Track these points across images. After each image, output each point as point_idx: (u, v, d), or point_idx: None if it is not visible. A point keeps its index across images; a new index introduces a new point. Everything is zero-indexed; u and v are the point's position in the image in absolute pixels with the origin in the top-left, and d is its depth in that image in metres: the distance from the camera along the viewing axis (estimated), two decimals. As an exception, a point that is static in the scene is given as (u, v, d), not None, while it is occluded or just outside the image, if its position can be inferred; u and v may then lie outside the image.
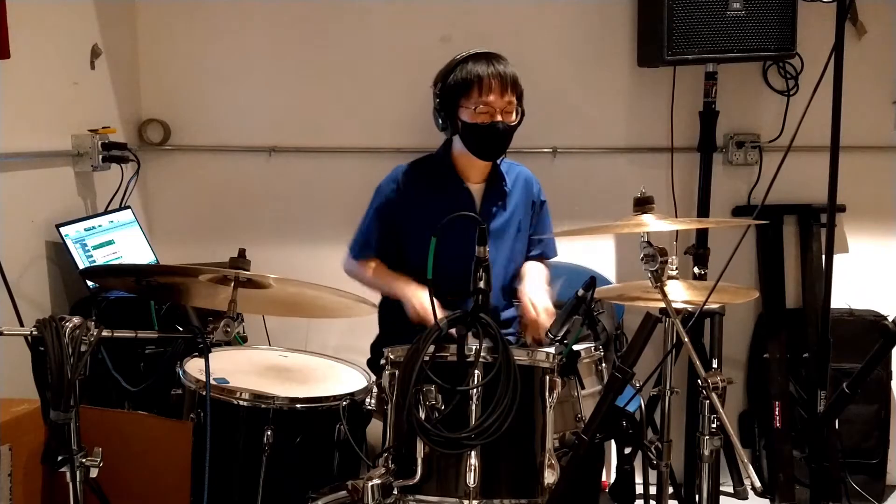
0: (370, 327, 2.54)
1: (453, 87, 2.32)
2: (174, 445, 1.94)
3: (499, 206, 2.46)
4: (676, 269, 2.03)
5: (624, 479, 1.92)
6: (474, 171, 2.44)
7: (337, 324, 3.09)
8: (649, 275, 1.74)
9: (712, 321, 3.00)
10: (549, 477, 1.71)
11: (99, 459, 1.63)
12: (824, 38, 2.52)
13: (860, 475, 3.08)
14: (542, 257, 2.58)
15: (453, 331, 1.75)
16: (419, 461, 1.67)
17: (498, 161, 2.47)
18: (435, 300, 1.81)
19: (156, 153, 3.19)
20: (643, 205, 1.82)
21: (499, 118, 2.29)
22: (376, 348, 2.52)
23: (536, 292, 2.33)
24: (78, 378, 1.57)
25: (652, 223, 1.78)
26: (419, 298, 2.22)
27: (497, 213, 2.45)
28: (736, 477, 3.11)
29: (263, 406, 1.92)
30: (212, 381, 1.84)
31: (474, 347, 1.70)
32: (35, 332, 1.57)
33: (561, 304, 2.12)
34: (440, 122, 2.38)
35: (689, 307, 1.96)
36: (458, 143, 2.39)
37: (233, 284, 1.83)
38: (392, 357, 1.80)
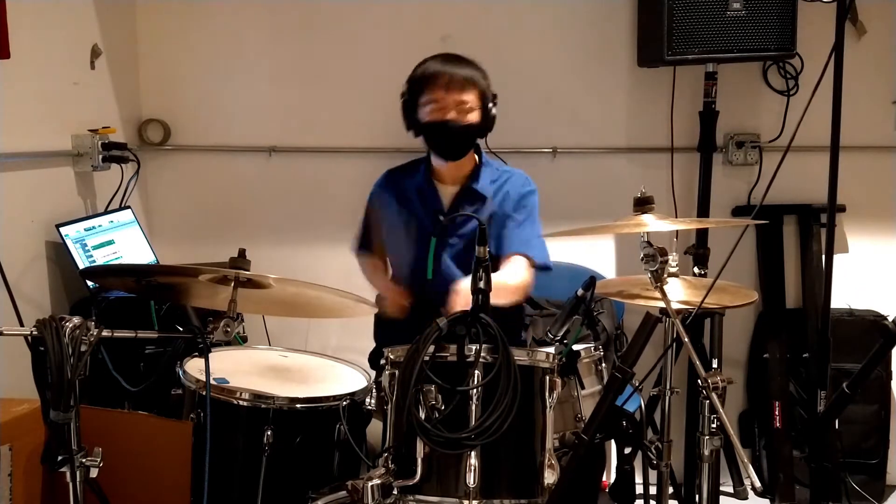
0: (370, 327, 2.54)
1: (410, 89, 2.36)
2: (174, 445, 1.94)
3: (471, 210, 2.38)
4: (676, 265, 2.03)
5: (624, 479, 1.92)
6: (447, 173, 2.44)
7: (337, 324, 3.09)
8: (649, 275, 1.74)
9: (712, 321, 3.00)
10: (549, 477, 1.71)
11: (99, 459, 1.63)
12: (824, 38, 2.52)
13: (860, 475, 3.08)
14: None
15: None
16: (419, 461, 1.67)
17: (482, 163, 2.44)
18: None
19: (156, 153, 3.19)
20: (643, 205, 1.82)
21: (451, 116, 2.28)
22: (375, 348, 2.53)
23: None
24: (78, 378, 1.57)
25: (652, 223, 1.78)
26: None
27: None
28: (736, 477, 3.11)
29: (263, 406, 1.92)
30: (212, 381, 1.84)
31: (474, 347, 1.70)
32: (35, 332, 1.57)
33: (561, 304, 2.12)
34: (406, 124, 2.40)
35: (688, 308, 1.96)
36: None
37: (233, 284, 1.83)
38: (392, 357, 1.80)
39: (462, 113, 2.29)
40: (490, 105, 2.35)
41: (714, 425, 1.78)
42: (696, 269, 2.97)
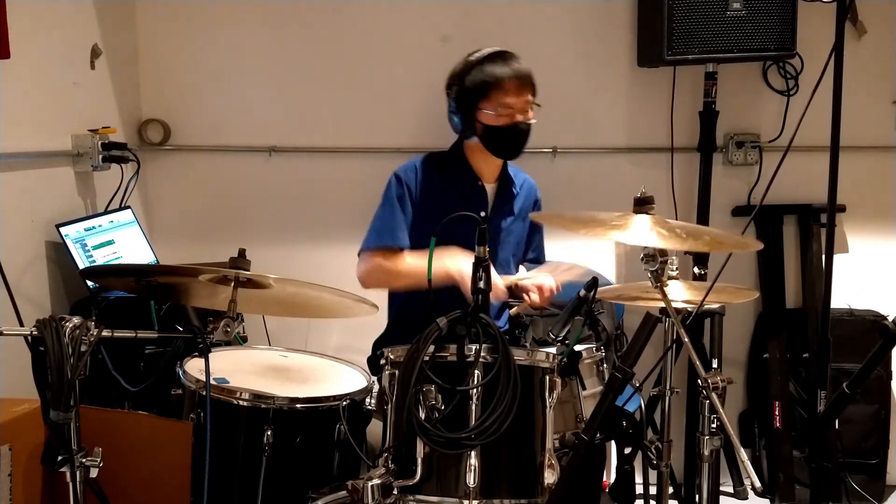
0: (370, 327, 2.54)
1: (472, 90, 2.30)
2: (174, 445, 1.94)
3: (509, 206, 2.49)
4: (676, 269, 2.03)
5: (624, 479, 1.92)
6: (488, 171, 2.45)
7: (337, 324, 3.09)
8: (649, 275, 1.74)
9: (712, 321, 3.00)
10: (549, 477, 1.71)
11: (99, 459, 1.63)
12: (824, 38, 2.52)
13: (860, 475, 3.08)
14: (536, 261, 2.62)
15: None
16: (419, 461, 1.67)
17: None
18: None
19: (156, 153, 3.19)
20: (643, 205, 1.82)
21: (519, 118, 2.29)
22: (380, 346, 2.52)
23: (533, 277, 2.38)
24: (78, 378, 1.57)
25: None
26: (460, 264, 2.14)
27: (507, 212, 2.47)
28: (736, 477, 3.11)
29: (263, 406, 1.92)
30: (212, 381, 1.84)
31: (474, 347, 1.70)
32: (35, 332, 1.57)
33: (563, 304, 2.11)
34: (458, 124, 2.35)
35: (689, 307, 1.96)
36: (471, 142, 2.40)
37: (233, 284, 1.83)
38: (392, 357, 1.80)
39: (526, 112, 2.31)
40: None
41: (714, 425, 1.78)
42: (696, 269, 2.97)
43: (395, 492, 1.66)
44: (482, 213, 2.40)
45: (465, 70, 2.33)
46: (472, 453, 1.66)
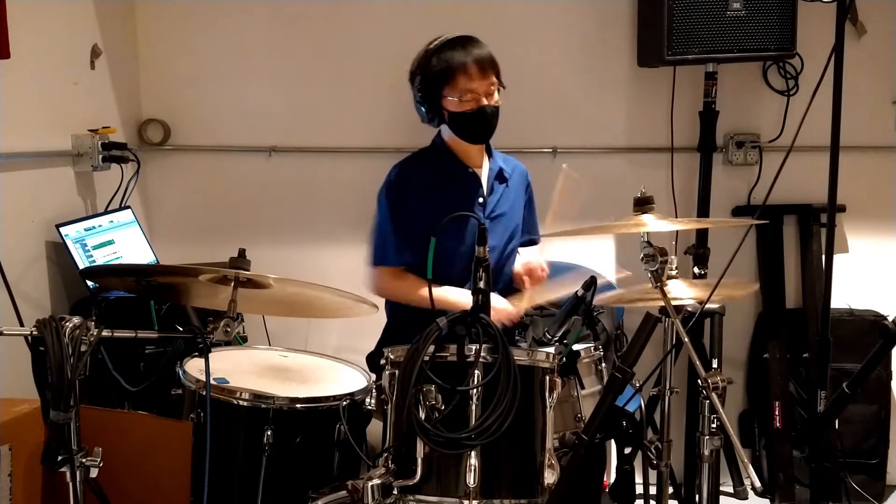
0: (370, 327, 2.54)
1: (434, 78, 2.30)
2: (174, 445, 1.94)
3: (503, 188, 2.48)
4: (676, 269, 2.03)
5: (624, 479, 1.92)
6: (472, 157, 2.45)
7: (337, 324, 3.09)
8: (649, 275, 1.74)
9: (712, 321, 3.00)
10: (549, 477, 1.71)
11: (99, 459, 1.63)
12: (824, 38, 2.52)
13: (860, 475, 3.08)
14: (530, 242, 2.63)
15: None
16: (419, 461, 1.67)
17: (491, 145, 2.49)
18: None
19: (156, 153, 3.19)
20: (643, 205, 1.82)
21: (484, 102, 2.29)
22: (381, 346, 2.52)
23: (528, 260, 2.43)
24: (78, 378, 1.57)
25: (652, 223, 1.78)
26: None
27: (503, 194, 2.47)
28: (736, 477, 3.12)
29: (263, 406, 1.92)
30: (212, 381, 1.84)
31: (474, 347, 1.70)
32: (35, 332, 1.57)
33: (561, 303, 2.12)
34: (425, 113, 2.37)
35: (691, 304, 1.95)
36: (447, 132, 2.40)
37: (233, 284, 1.83)
38: (392, 357, 1.80)
39: (491, 95, 2.30)
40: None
41: (714, 425, 1.78)
42: (696, 269, 2.97)
43: (395, 492, 1.66)
44: (479, 199, 2.41)
45: (426, 58, 2.33)
46: (472, 453, 1.66)
